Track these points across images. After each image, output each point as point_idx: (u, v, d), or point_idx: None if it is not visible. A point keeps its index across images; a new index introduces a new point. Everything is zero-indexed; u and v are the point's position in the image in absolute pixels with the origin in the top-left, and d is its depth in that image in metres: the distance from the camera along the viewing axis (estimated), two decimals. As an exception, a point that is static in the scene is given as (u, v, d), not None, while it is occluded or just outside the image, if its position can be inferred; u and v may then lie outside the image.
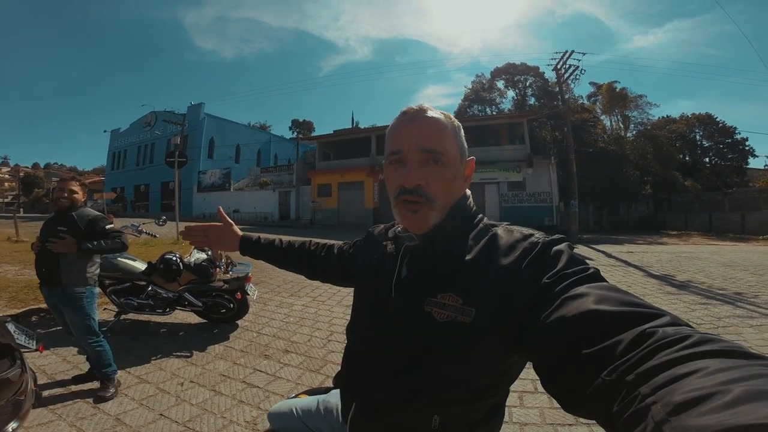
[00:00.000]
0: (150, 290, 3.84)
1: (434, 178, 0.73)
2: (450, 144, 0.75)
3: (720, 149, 31.49)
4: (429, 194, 0.73)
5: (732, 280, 6.99)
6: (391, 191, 0.78)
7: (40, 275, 2.64)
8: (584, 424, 2.28)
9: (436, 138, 0.74)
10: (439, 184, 0.73)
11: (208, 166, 30.99)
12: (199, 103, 31.95)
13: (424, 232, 0.76)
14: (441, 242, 0.75)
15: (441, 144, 0.74)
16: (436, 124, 0.75)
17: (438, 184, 0.73)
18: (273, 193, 26.07)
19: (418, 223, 0.75)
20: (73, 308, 2.58)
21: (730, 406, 0.27)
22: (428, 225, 0.75)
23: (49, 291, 2.62)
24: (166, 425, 2.27)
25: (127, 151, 37.02)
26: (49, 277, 2.59)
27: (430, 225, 0.75)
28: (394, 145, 0.76)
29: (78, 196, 2.69)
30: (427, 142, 0.73)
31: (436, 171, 0.73)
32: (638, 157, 26.71)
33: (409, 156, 0.74)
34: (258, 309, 4.78)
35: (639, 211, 26.79)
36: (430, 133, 0.74)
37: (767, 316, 4.67)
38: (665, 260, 9.82)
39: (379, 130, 22.55)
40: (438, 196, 0.74)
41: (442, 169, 0.73)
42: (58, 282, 2.56)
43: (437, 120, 0.75)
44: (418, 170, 0.73)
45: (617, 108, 30.87)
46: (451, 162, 0.74)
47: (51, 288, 2.60)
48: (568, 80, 17.58)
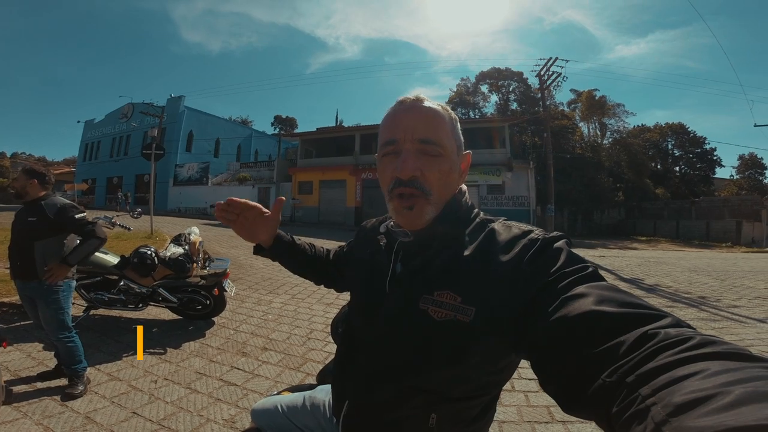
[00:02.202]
0: (122, 285, 3.70)
1: (431, 170, 0.70)
2: (447, 136, 0.72)
3: (690, 158, 32.95)
4: (425, 186, 0.70)
5: (696, 285, 7.32)
6: (384, 184, 0.75)
7: (15, 269, 2.51)
8: (559, 421, 2.34)
9: (434, 129, 0.71)
10: (436, 176, 0.71)
11: (185, 159, 30.16)
12: (179, 95, 31.09)
13: (420, 228, 0.73)
14: (436, 238, 0.72)
15: (438, 135, 0.71)
16: (434, 115, 0.72)
17: (434, 177, 0.70)
18: (252, 189, 25.58)
19: (413, 220, 0.72)
20: (47, 301, 2.47)
21: (731, 408, 0.27)
22: (424, 221, 0.72)
23: (23, 283, 2.51)
24: (139, 423, 2.20)
25: (101, 142, 35.68)
26: (25, 271, 2.47)
27: (426, 221, 0.72)
28: (389, 134, 0.73)
29: (20, 184, 2.52)
30: (424, 132, 0.70)
31: (433, 162, 0.70)
32: (613, 164, 27.68)
33: (405, 146, 0.71)
34: (235, 306, 4.69)
35: (611, 217, 27.69)
36: (427, 124, 0.71)
37: (729, 319, 4.91)
38: (635, 264, 10.21)
39: (363, 129, 22.48)
40: (434, 188, 0.71)
41: (439, 161, 0.71)
42: (34, 276, 2.45)
43: (435, 110, 0.73)
44: (415, 160, 0.70)
45: (596, 115, 31.80)
46: (448, 154, 0.72)
47: (26, 282, 2.49)
48: (550, 87, 18.02)
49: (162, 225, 13.15)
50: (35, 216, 2.48)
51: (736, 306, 5.62)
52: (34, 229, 2.47)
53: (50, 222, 2.49)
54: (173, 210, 25.91)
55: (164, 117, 24.61)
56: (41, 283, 2.45)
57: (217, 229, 14.65)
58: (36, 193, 2.54)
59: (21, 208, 2.58)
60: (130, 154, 31.27)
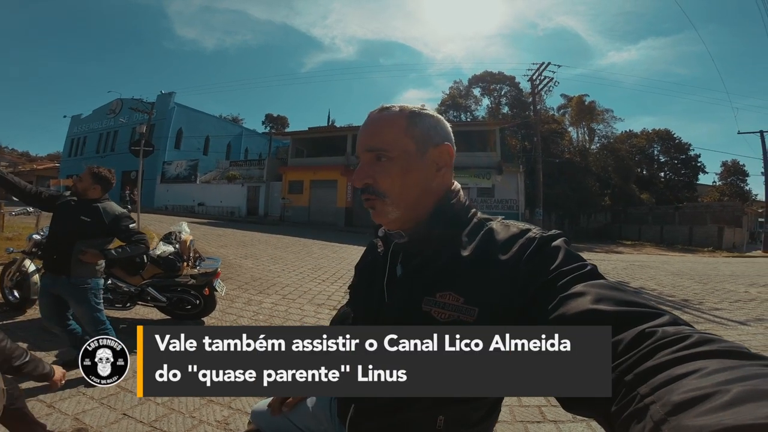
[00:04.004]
0: (109, 283, 3.62)
1: (381, 175, 0.73)
2: (398, 138, 0.73)
3: (674, 164, 33.67)
4: (378, 190, 0.73)
5: (680, 288, 7.49)
6: None
7: (49, 262, 2.57)
8: (551, 421, 2.38)
9: (380, 135, 0.74)
10: (388, 180, 0.73)
11: (174, 156, 29.71)
12: (170, 92, 30.60)
13: (398, 227, 0.76)
14: (433, 239, 0.73)
15: (384, 140, 0.73)
16: (383, 121, 0.75)
17: (387, 181, 0.73)
18: (241, 188, 25.31)
19: (378, 218, 0.77)
20: (78, 300, 2.54)
21: (729, 406, 0.28)
22: (388, 219, 0.75)
23: (53, 279, 2.55)
24: (130, 425, 2.17)
25: (87, 138, 34.87)
26: (58, 265, 2.51)
27: (391, 219, 0.75)
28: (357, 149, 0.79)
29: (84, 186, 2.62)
30: (370, 141, 0.74)
31: (382, 167, 0.73)
32: (600, 169, 28.17)
33: (361, 158, 0.76)
34: (225, 306, 4.64)
35: (598, 222, 28.19)
36: (373, 132, 0.75)
37: (711, 322, 5.05)
38: (620, 268, 10.41)
39: (355, 129, 22.07)
40: (389, 191, 0.73)
41: (389, 165, 0.73)
42: (66, 271, 2.49)
43: (386, 117, 0.75)
44: (366, 170, 0.74)
45: (585, 121, 32.26)
46: (399, 156, 0.72)
47: (56, 276, 2.53)
48: (541, 91, 18.27)
49: (149, 223, 12.94)
50: (90, 217, 2.56)
51: (718, 309, 5.76)
52: (85, 229, 2.55)
53: (104, 227, 2.60)
54: (160, 208, 25.48)
55: (154, 113, 24.20)
56: (70, 280, 2.51)
57: (206, 228, 14.50)
58: (95, 195, 2.64)
59: (69, 203, 2.62)
60: (117, 150, 30.66)
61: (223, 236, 12.00)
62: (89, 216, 2.56)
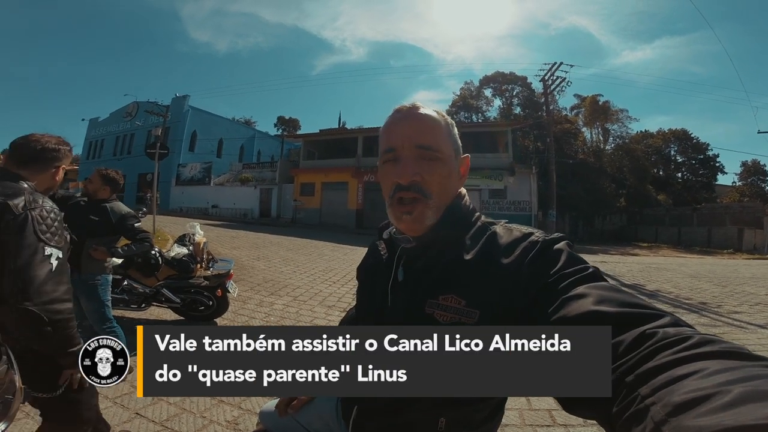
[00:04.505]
0: (125, 284, 3.72)
1: (430, 174, 0.71)
2: (444, 140, 0.74)
3: (692, 165, 32.86)
4: (425, 189, 0.71)
5: (697, 291, 7.30)
6: (386, 191, 0.76)
7: None
8: (561, 425, 2.34)
9: (431, 134, 0.73)
10: (435, 180, 0.72)
11: (188, 159, 30.28)
12: (184, 95, 31.31)
13: (421, 233, 0.74)
14: (438, 243, 0.73)
15: (435, 140, 0.73)
16: (430, 121, 0.74)
17: (434, 180, 0.72)
18: (254, 190, 25.64)
19: (413, 225, 0.72)
20: (88, 296, 2.63)
21: (730, 407, 0.28)
22: (424, 226, 0.72)
23: None
24: (142, 424, 2.21)
25: (104, 141, 35.85)
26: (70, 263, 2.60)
27: (426, 226, 0.72)
28: (388, 142, 0.75)
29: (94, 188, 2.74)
30: (421, 138, 0.72)
31: (432, 167, 0.72)
32: (615, 170, 27.69)
33: (404, 153, 0.72)
34: (237, 307, 4.70)
35: (613, 223, 27.67)
36: (424, 130, 0.73)
37: (729, 325, 4.91)
38: (636, 270, 10.19)
39: (366, 131, 22.50)
40: (434, 192, 0.72)
41: (438, 166, 0.72)
42: (76, 268, 2.58)
43: (431, 117, 0.75)
44: (414, 166, 0.71)
45: (599, 121, 31.77)
46: (446, 158, 0.73)
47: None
48: (554, 91, 18.06)
49: (164, 225, 13.18)
50: (98, 216, 2.68)
51: (737, 312, 5.60)
52: (94, 228, 2.66)
53: (111, 225, 2.72)
54: (175, 209, 25.98)
55: (168, 116, 24.71)
56: (81, 276, 2.59)
57: (220, 230, 14.71)
58: (104, 196, 2.77)
59: (80, 204, 2.74)
60: (134, 153, 31.40)
61: (236, 238, 12.16)
62: (98, 215, 2.68)
